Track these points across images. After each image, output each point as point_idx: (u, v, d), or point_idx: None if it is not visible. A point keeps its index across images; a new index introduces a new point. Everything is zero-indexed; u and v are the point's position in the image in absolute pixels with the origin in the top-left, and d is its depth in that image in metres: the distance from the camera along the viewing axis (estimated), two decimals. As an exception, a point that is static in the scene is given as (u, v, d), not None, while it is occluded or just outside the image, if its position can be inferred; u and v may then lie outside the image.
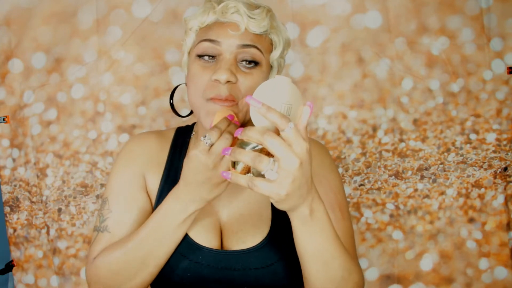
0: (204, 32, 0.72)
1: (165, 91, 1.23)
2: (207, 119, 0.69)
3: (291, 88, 0.56)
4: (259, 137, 0.53)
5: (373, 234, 1.24)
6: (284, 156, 0.52)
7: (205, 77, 0.70)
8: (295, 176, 0.53)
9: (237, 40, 0.69)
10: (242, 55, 0.70)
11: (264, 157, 0.53)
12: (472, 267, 1.22)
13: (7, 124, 1.26)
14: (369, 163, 1.22)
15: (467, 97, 1.19)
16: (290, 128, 0.52)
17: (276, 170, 0.53)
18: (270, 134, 0.52)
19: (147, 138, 0.82)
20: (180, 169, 0.78)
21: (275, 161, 0.53)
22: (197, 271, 0.71)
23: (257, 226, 0.74)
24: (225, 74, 0.67)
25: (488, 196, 1.21)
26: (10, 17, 1.21)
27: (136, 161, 0.79)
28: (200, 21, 0.73)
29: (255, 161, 0.53)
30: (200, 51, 0.71)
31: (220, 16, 0.71)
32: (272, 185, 0.53)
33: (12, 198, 1.28)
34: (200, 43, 0.71)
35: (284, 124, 0.52)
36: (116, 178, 0.78)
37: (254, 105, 0.54)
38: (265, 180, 0.54)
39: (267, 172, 0.53)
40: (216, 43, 0.70)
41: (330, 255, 0.63)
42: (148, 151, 0.80)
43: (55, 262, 1.28)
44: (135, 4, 1.21)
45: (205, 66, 0.71)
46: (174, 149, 0.82)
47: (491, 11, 1.15)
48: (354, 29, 1.18)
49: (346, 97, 1.21)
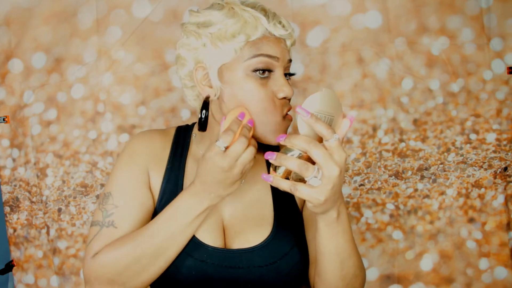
0: (253, 47, 0.70)
1: (165, 91, 1.23)
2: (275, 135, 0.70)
3: (335, 100, 0.60)
4: (304, 145, 0.57)
5: (373, 234, 1.24)
6: (327, 165, 0.56)
7: (264, 93, 0.70)
8: (334, 183, 0.57)
9: (287, 55, 0.72)
10: (287, 70, 0.73)
11: (310, 165, 0.57)
12: (472, 267, 1.22)
13: (7, 124, 1.26)
14: (369, 163, 1.22)
15: (467, 97, 1.19)
16: (335, 139, 0.56)
17: (320, 178, 0.57)
18: (316, 144, 0.56)
19: (150, 135, 0.82)
20: (182, 170, 0.79)
21: (319, 169, 0.57)
22: (202, 270, 0.71)
23: (259, 225, 0.74)
24: (292, 91, 0.71)
25: (488, 196, 1.21)
26: (10, 17, 1.21)
27: (140, 157, 0.78)
28: (247, 34, 0.70)
29: (301, 168, 0.57)
30: (260, 67, 0.69)
31: (273, 31, 0.70)
32: (314, 191, 0.57)
33: (12, 198, 1.28)
34: (257, 57, 0.69)
35: (330, 135, 0.56)
36: (120, 173, 0.77)
37: (303, 115, 0.58)
38: (307, 185, 0.58)
39: (312, 179, 0.57)
40: (274, 59, 0.70)
41: (347, 254, 0.67)
42: (152, 148, 0.79)
43: (55, 262, 1.28)
44: (135, 4, 1.21)
45: (261, 83, 0.70)
46: (175, 148, 0.82)
47: (491, 11, 1.15)
48: (354, 29, 1.18)
49: (346, 97, 1.21)
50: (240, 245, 0.73)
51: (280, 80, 0.70)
